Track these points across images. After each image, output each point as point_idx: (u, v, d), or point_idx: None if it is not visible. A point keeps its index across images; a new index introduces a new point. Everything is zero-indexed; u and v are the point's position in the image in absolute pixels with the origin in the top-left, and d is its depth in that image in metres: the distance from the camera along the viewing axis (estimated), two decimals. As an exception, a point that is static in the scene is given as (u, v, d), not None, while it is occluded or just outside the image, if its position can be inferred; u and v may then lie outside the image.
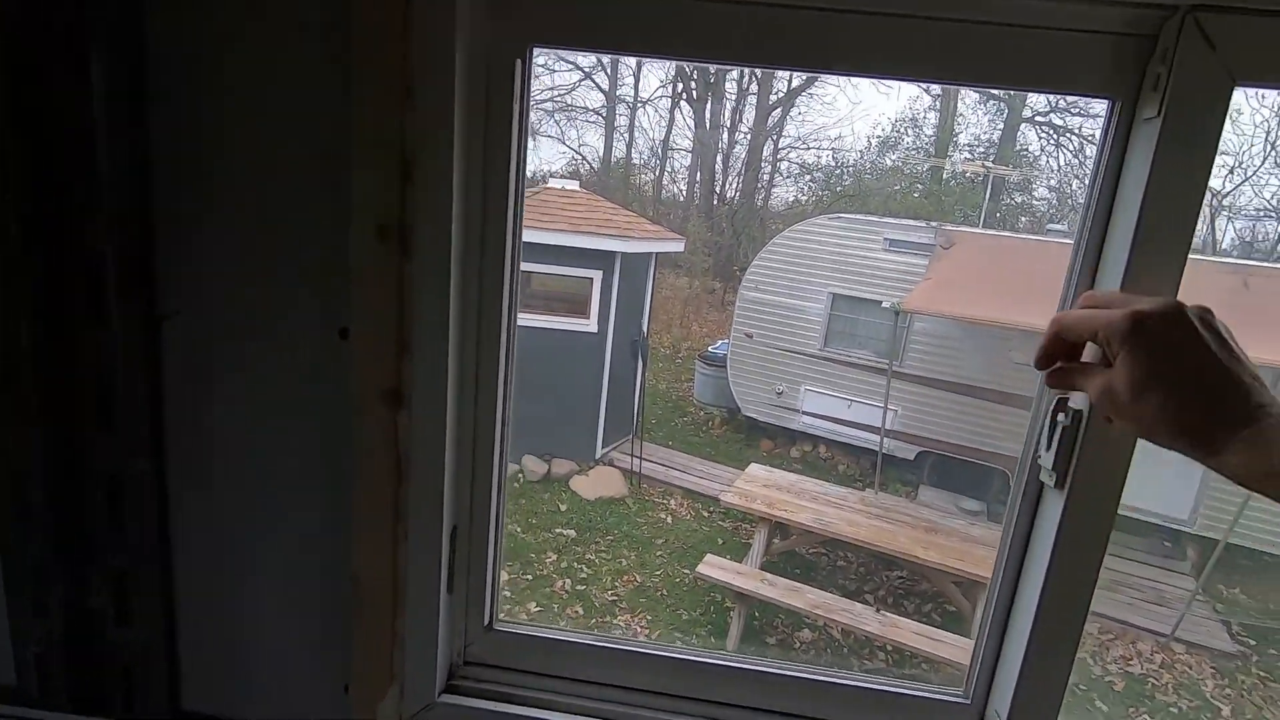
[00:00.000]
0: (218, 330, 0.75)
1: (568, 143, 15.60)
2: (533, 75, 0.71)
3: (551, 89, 16.01)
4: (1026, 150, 15.72)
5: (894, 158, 15.93)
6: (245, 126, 0.70)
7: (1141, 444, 0.58)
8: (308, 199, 0.71)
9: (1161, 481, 6.18)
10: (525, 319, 6.77)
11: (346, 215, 0.68)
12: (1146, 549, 6.20)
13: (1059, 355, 0.57)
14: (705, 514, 6.59)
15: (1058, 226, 9.78)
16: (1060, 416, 0.68)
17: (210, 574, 0.82)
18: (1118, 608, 5.39)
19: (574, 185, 7.33)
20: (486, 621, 0.82)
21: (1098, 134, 0.66)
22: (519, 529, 6.06)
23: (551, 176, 7.63)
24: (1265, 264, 6.49)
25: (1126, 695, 4.85)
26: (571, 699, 0.79)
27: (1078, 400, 0.67)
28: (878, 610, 4.68)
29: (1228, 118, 0.60)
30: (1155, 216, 0.61)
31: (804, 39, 0.65)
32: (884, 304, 6.36)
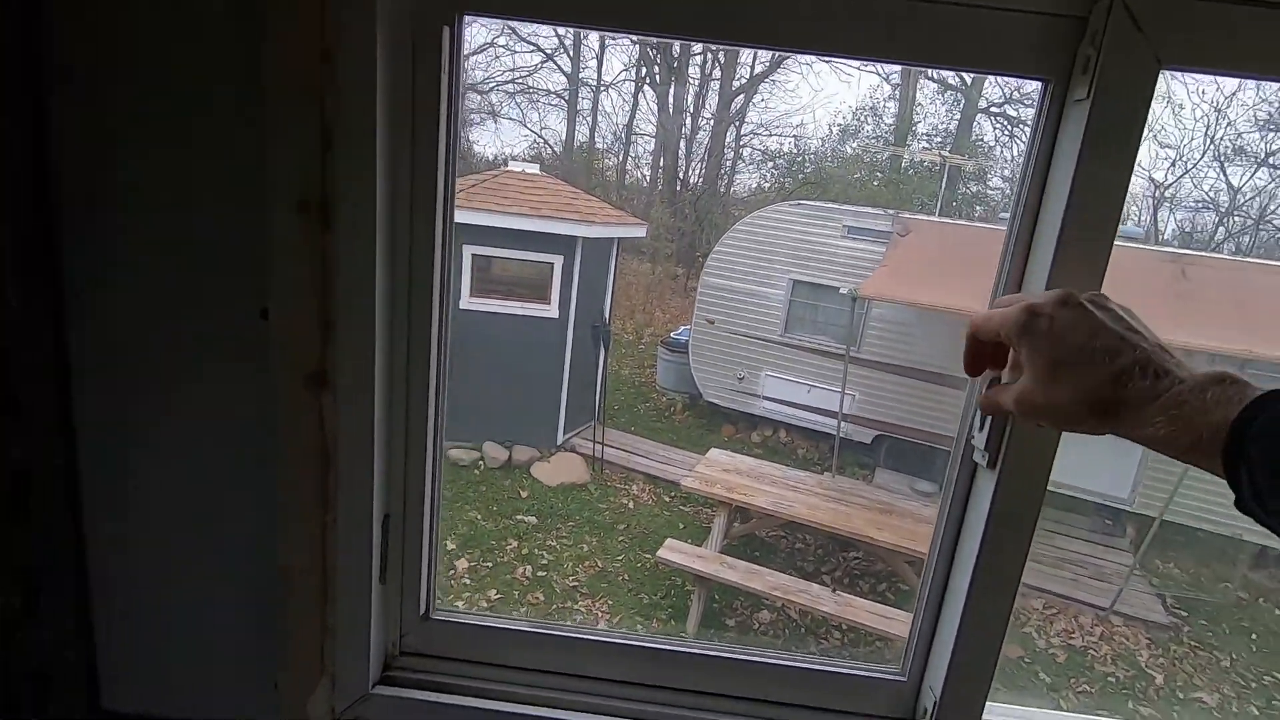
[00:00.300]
0: (130, 312, 0.71)
1: (529, 125, 15.37)
2: (464, 43, 0.68)
3: (513, 70, 15.75)
4: (982, 140, 16.07)
5: (854, 146, 16.13)
6: (153, 96, 0.66)
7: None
8: (223, 172, 0.67)
9: (1103, 462, 6.43)
10: (486, 304, 6.71)
11: (265, 189, 0.64)
12: (1089, 527, 6.45)
13: (982, 358, 0.60)
14: (667, 499, 6.62)
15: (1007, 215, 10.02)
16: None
17: (128, 568, 0.78)
18: (1061, 584, 5.61)
19: (534, 169, 7.22)
20: (423, 611, 0.80)
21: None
22: (479, 516, 6.01)
23: (513, 160, 7.49)
24: (1203, 253, 6.76)
25: (1068, 666, 5.06)
26: (510, 687, 0.78)
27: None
28: (834, 590, 4.78)
29: (1171, 111, 0.61)
30: (1083, 199, 0.62)
31: (740, 13, 0.63)
32: (841, 290, 6.45)
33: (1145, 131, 0.61)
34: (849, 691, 0.80)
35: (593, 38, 15.26)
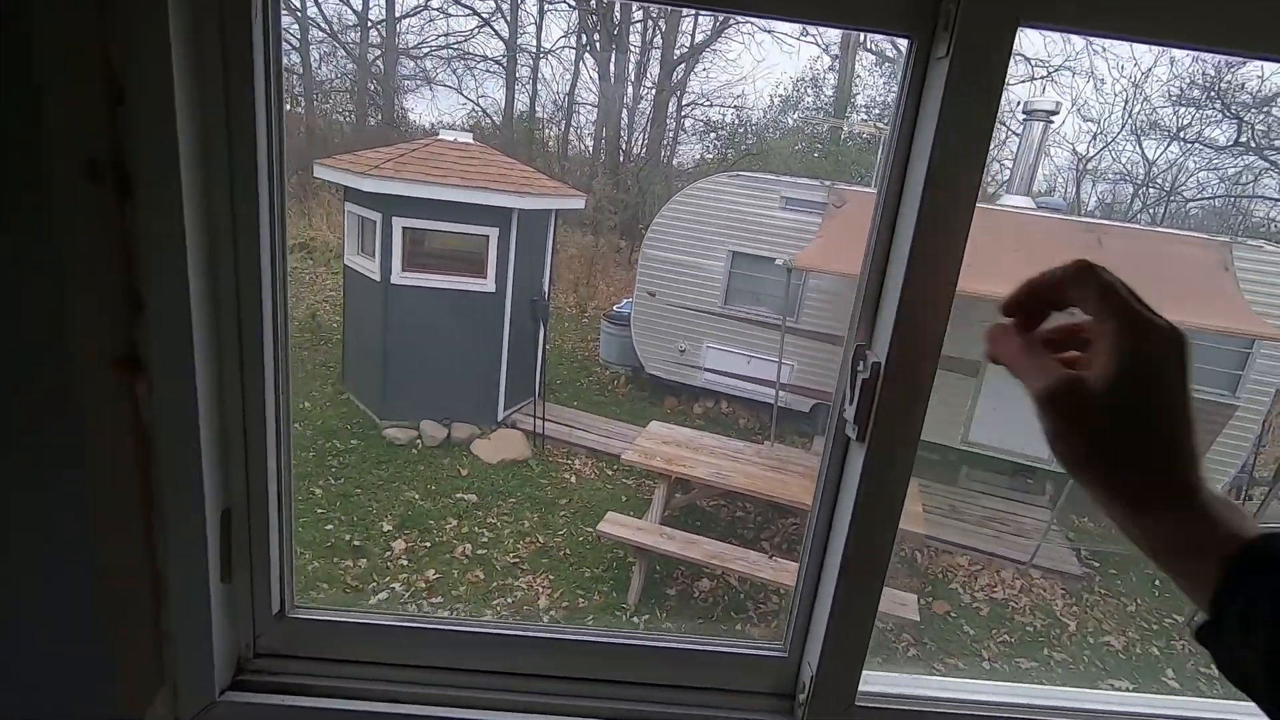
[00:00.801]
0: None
1: (465, 93, 14.87)
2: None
3: (447, 34, 15.17)
4: (918, 113, 16.34)
5: (795, 117, 16.21)
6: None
7: (997, 391, 0.57)
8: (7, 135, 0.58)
9: (1023, 425, 6.74)
10: (420, 279, 6.50)
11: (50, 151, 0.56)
12: (1010, 486, 6.78)
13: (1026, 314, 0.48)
14: (609, 473, 6.62)
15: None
16: (859, 367, 0.66)
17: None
18: (985, 541, 5.88)
19: (467, 137, 6.97)
20: (278, 609, 0.75)
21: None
22: (417, 496, 5.89)
23: (443, 128, 7.22)
24: (1119, 224, 7.08)
25: (990, 619, 5.33)
26: (374, 685, 0.74)
27: (877, 352, 0.66)
28: (771, 557, 4.88)
29: (1093, 85, 0.59)
30: (945, 157, 0.60)
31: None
32: (778, 262, 6.49)
33: (1004, 89, 0.59)
34: (733, 670, 0.79)
35: (530, 1, 14.77)
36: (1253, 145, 11.40)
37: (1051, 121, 6.86)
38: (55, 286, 0.59)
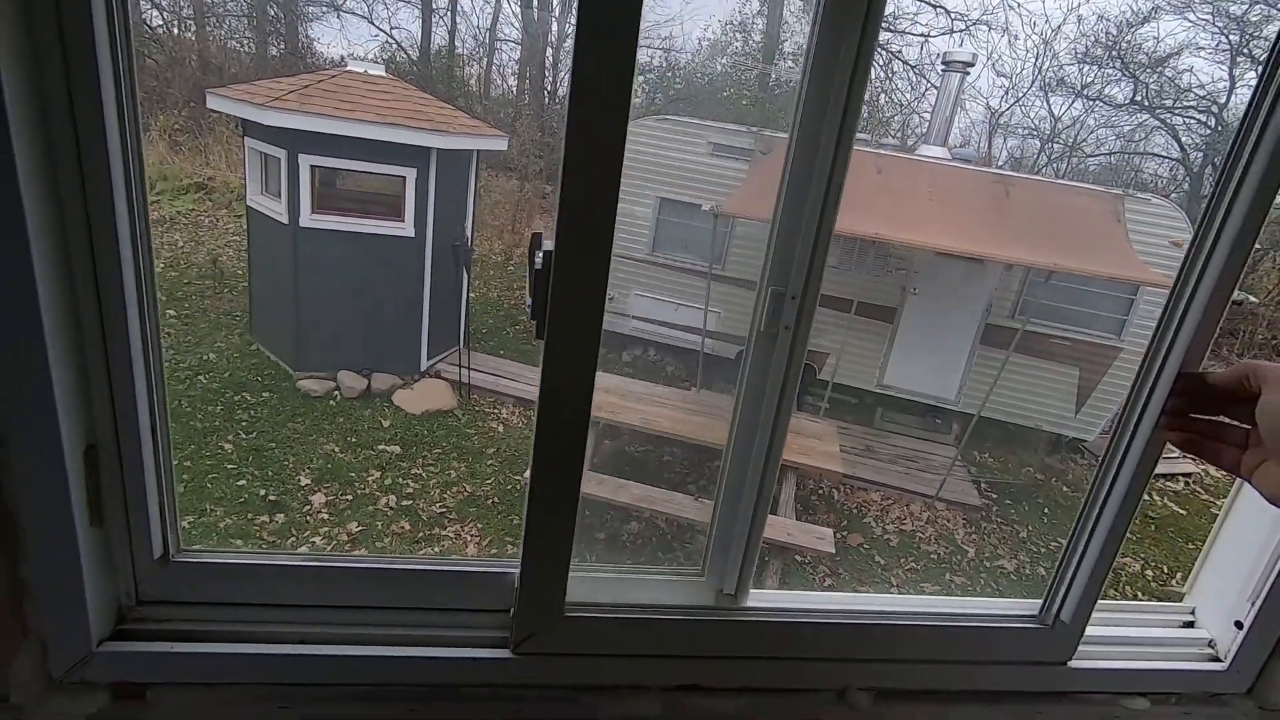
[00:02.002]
0: None
1: (377, 23, 13.89)
2: None
3: (355, -43, 14.07)
4: (844, 62, 16.43)
5: (724, 62, 16.01)
6: None
7: (909, 336, 0.57)
8: None
9: (932, 368, 7.11)
10: (332, 222, 6.13)
11: None
12: (920, 426, 7.18)
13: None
14: (538, 421, 6.59)
15: (863, 135, 10.45)
16: (537, 257, 0.62)
17: None
18: (896, 477, 6.23)
19: (379, 70, 6.51)
20: (160, 553, 0.69)
21: (905, 50, 0.60)
22: (337, 449, 5.70)
23: (352, 60, 6.70)
24: (1024, 176, 7.41)
25: (900, 549, 5.70)
26: (263, 626, 0.70)
27: (550, 242, 0.61)
28: (696, 498, 5.02)
29: (1008, 41, 0.57)
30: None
31: None
32: (704, 207, 6.48)
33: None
34: (459, 588, 0.76)
35: (445, -76, 13.80)
36: (1146, 104, 12.10)
37: (968, 73, 7.04)
38: None
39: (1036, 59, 13.57)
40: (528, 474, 0.62)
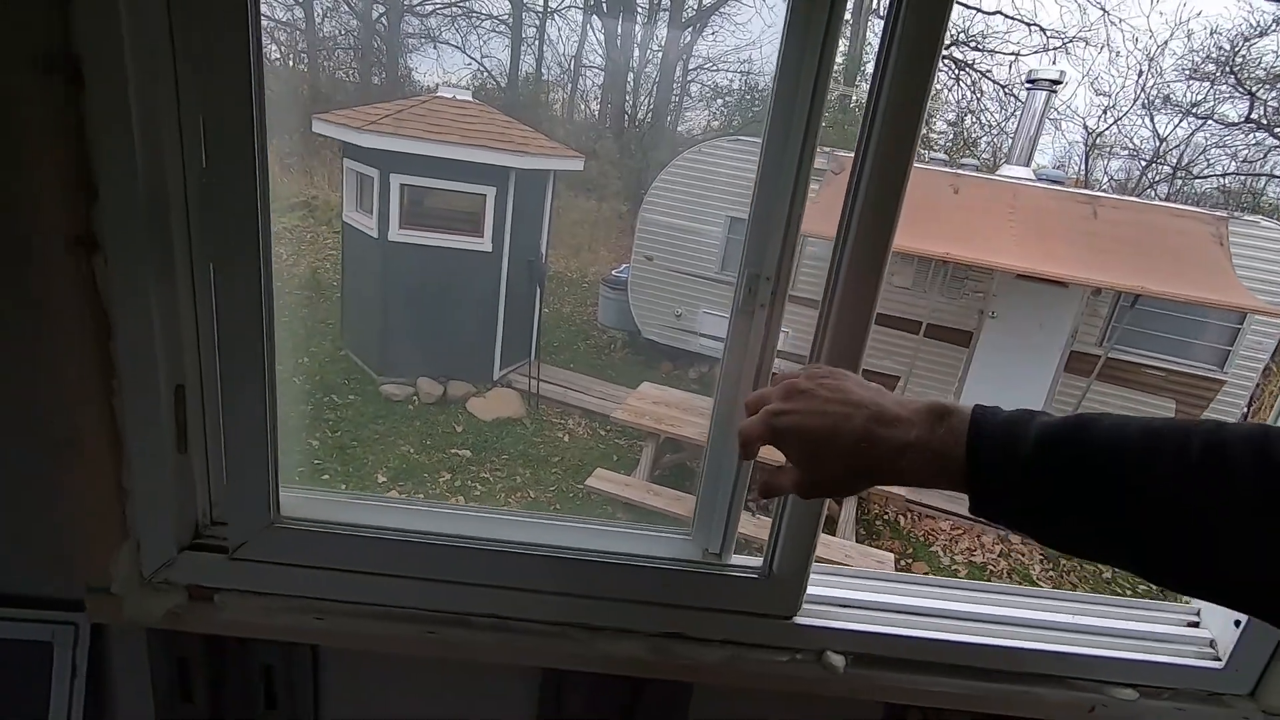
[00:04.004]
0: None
1: (469, 52, 14.68)
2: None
3: (452, -9, 14.92)
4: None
5: (804, 85, 15.92)
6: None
7: (988, 361, 0.64)
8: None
9: (1011, 396, 6.81)
10: (417, 237, 6.54)
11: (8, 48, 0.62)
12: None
13: (753, 448, 0.59)
14: (602, 432, 6.73)
15: (939, 155, 10.19)
16: None
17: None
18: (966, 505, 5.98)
19: (466, 95, 6.94)
20: (227, 481, 0.83)
21: (996, 69, 0.67)
22: (412, 450, 6.01)
23: (443, 86, 7.17)
24: (1114, 196, 7.05)
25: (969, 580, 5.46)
26: (313, 555, 0.82)
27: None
28: (754, 514, 5.00)
29: (1108, 57, 0.64)
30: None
31: None
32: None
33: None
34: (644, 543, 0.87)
35: (536, -41, 14.50)
36: (1264, 123, 11.22)
37: (1055, 91, 6.79)
38: (14, 171, 0.66)
39: (1140, 76, 12.86)
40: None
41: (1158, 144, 13.14)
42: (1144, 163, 13.51)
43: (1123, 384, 6.40)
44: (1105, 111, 13.14)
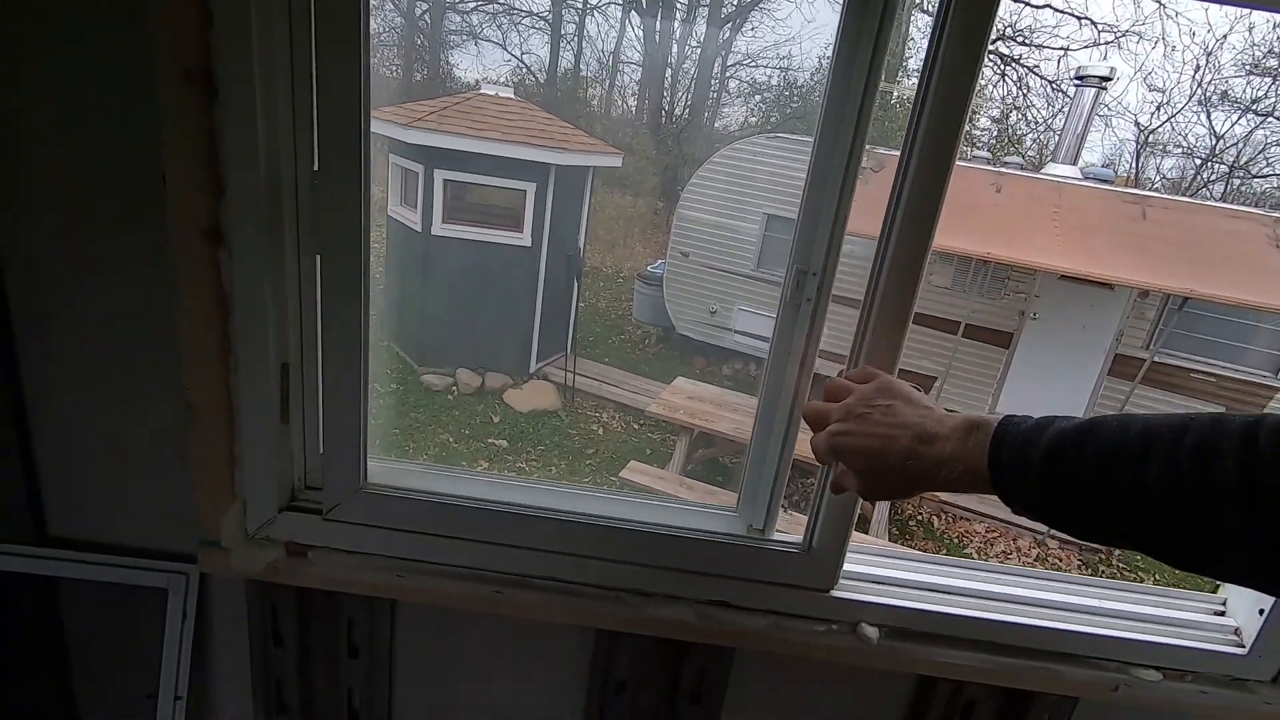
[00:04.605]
0: (37, 187, 0.79)
1: (510, 49, 14.85)
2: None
3: (493, -12, 15.10)
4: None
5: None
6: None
7: (1028, 361, 0.71)
8: (113, 47, 0.75)
9: (1052, 399, 6.69)
10: (459, 231, 6.69)
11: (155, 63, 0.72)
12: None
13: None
14: (636, 426, 6.82)
15: (980, 153, 10.00)
16: None
17: (67, 409, 0.89)
18: (1003, 507, 5.91)
19: (508, 92, 7.07)
20: (324, 450, 0.92)
21: (1044, 64, 0.73)
22: (451, 439, 6.18)
23: (487, 83, 7.32)
24: (1163, 195, 6.86)
25: (1003, 584, 5.41)
26: (408, 516, 0.91)
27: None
28: (785, 510, 5.03)
29: (1163, 52, 0.69)
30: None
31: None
32: (808, 223, 6.48)
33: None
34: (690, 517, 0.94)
35: (577, -44, 14.60)
36: (1330, 119, 10.75)
37: (1104, 88, 6.64)
38: (158, 171, 0.76)
39: (1197, 71, 12.42)
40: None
41: (1214, 142, 12.69)
42: (1199, 161, 13.06)
43: (1169, 389, 6.25)
44: (1159, 108, 12.74)
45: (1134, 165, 13.67)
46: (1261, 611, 0.90)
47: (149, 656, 0.96)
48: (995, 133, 15.31)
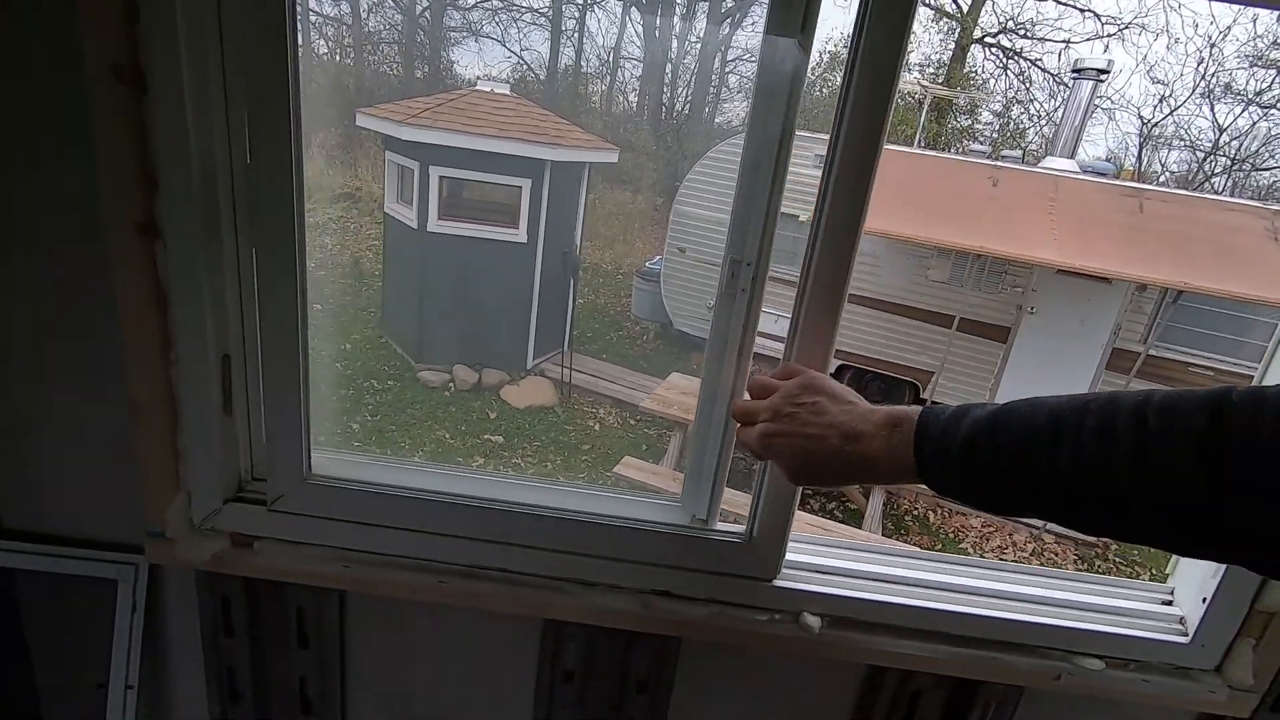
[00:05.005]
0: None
1: (509, 46, 14.83)
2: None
3: (493, -16, 15.08)
4: (976, 72, 15.69)
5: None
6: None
7: (1025, 356, 0.73)
8: (41, 44, 0.75)
9: (1049, 393, 6.66)
10: (455, 228, 6.70)
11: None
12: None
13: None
14: (632, 422, 6.83)
15: (978, 147, 9.96)
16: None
17: (19, 402, 0.90)
18: (998, 504, 5.91)
19: (504, 89, 7.07)
20: (266, 441, 0.93)
21: (1046, 57, 0.73)
22: (447, 435, 6.20)
23: (482, 80, 7.32)
24: (1160, 189, 6.82)
25: (998, 579, 5.41)
26: (339, 510, 0.92)
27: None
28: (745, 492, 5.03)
29: (1167, 44, 0.68)
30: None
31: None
32: (801, 218, 6.47)
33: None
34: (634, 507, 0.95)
35: (576, -49, 14.57)
36: (1335, 111, 10.66)
37: (1102, 81, 6.59)
38: (91, 166, 0.76)
39: (1200, 63, 12.33)
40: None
41: (1217, 135, 12.61)
42: (1202, 154, 12.98)
43: (1167, 382, 6.22)
44: (1161, 101, 12.66)
45: (1138, 158, 13.59)
46: (1204, 600, 0.90)
47: (103, 647, 0.97)
48: (998, 126, 15.22)
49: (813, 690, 1.01)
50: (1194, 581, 0.94)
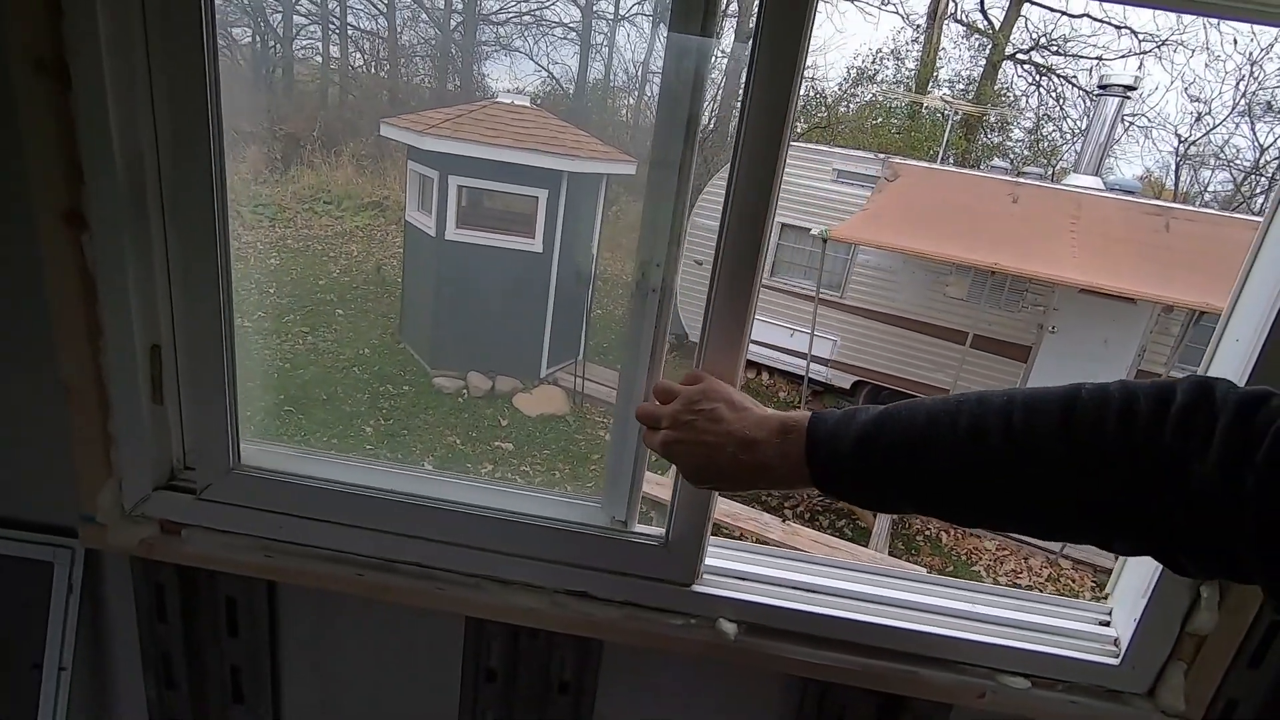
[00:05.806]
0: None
1: (536, 60, 15.07)
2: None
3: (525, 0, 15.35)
4: (1008, 89, 15.49)
5: (874, 90, 15.66)
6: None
7: (1047, 377, 0.74)
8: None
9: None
10: (472, 236, 6.80)
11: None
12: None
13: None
14: (643, 433, 6.82)
15: (1000, 163, 9.80)
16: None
17: (-47, 383, 0.94)
18: (1013, 526, 5.76)
19: (524, 101, 7.18)
20: (194, 431, 0.95)
21: (1081, 75, 0.74)
22: (458, 440, 6.25)
23: (504, 93, 7.45)
24: (1188, 208, 6.63)
25: (1011, 604, 5.26)
26: (268, 500, 0.93)
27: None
28: (784, 520, 4.97)
29: (1205, 61, 0.68)
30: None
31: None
32: (813, 232, 6.44)
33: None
34: (561, 509, 0.95)
35: (606, -33, 14.77)
36: (1382, 130, 10.28)
37: (1128, 96, 6.46)
38: (16, 157, 0.80)
39: (1240, 81, 12.03)
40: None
41: (1258, 154, 12.26)
42: (1241, 173, 12.62)
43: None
44: (1199, 119, 12.35)
45: (1174, 176, 13.27)
46: (1135, 620, 0.87)
47: (40, 629, 1.00)
48: (1028, 143, 15.00)
49: (737, 699, 0.99)
50: (1128, 602, 0.90)
